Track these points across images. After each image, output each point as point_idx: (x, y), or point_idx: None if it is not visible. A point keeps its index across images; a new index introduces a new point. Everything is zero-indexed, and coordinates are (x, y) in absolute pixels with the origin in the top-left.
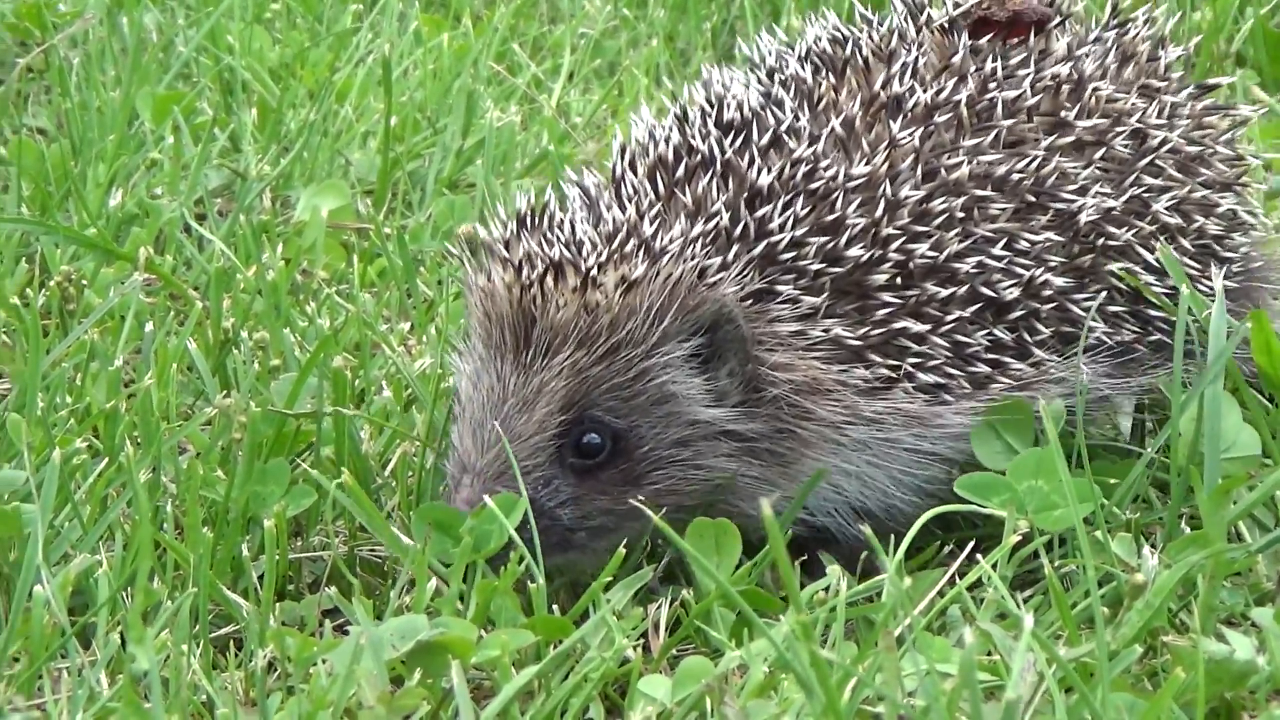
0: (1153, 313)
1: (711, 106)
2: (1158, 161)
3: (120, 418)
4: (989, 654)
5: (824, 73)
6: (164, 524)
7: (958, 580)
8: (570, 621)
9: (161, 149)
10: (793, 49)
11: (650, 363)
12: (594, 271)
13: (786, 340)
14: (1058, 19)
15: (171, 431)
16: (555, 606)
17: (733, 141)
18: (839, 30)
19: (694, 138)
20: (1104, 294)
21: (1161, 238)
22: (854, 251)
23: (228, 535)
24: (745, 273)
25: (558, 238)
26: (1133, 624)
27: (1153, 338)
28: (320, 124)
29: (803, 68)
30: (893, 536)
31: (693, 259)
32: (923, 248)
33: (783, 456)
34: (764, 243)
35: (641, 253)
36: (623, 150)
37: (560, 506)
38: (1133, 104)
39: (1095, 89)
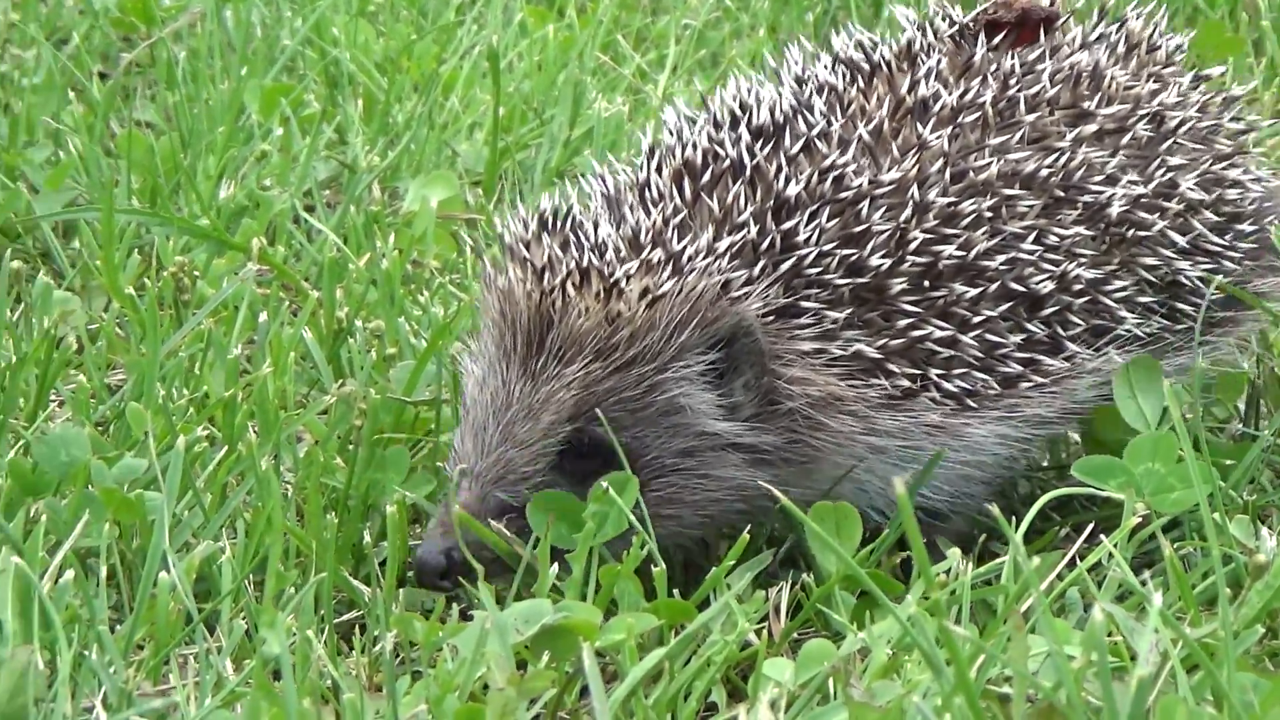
0: (1180, 305)
1: (743, 111)
2: (1178, 140)
3: (238, 406)
4: (1110, 635)
5: (852, 79)
6: (285, 512)
7: (1078, 562)
8: (693, 606)
9: (270, 141)
10: (818, 58)
11: (664, 377)
12: (620, 281)
13: (805, 356)
14: (1063, 16)
15: (289, 420)
16: (676, 591)
17: (762, 147)
18: (865, 37)
19: (723, 143)
20: (1134, 285)
21: (1188, 216)
22: (877, 260)
23: (348, 522)
24: (770, 288)
25: (581, 241)
26: (1254, 604)
27: (1180, 326)
28: (426, 116)
29: (832, 74)
30: (1012, 517)
31: (719, 272)
32: (950, 249)
33: (798, 464)
34: (790, 257)
35: (668, 264)
36: (651, 151)
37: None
38: (1148, 89)
39: (1112, 76)
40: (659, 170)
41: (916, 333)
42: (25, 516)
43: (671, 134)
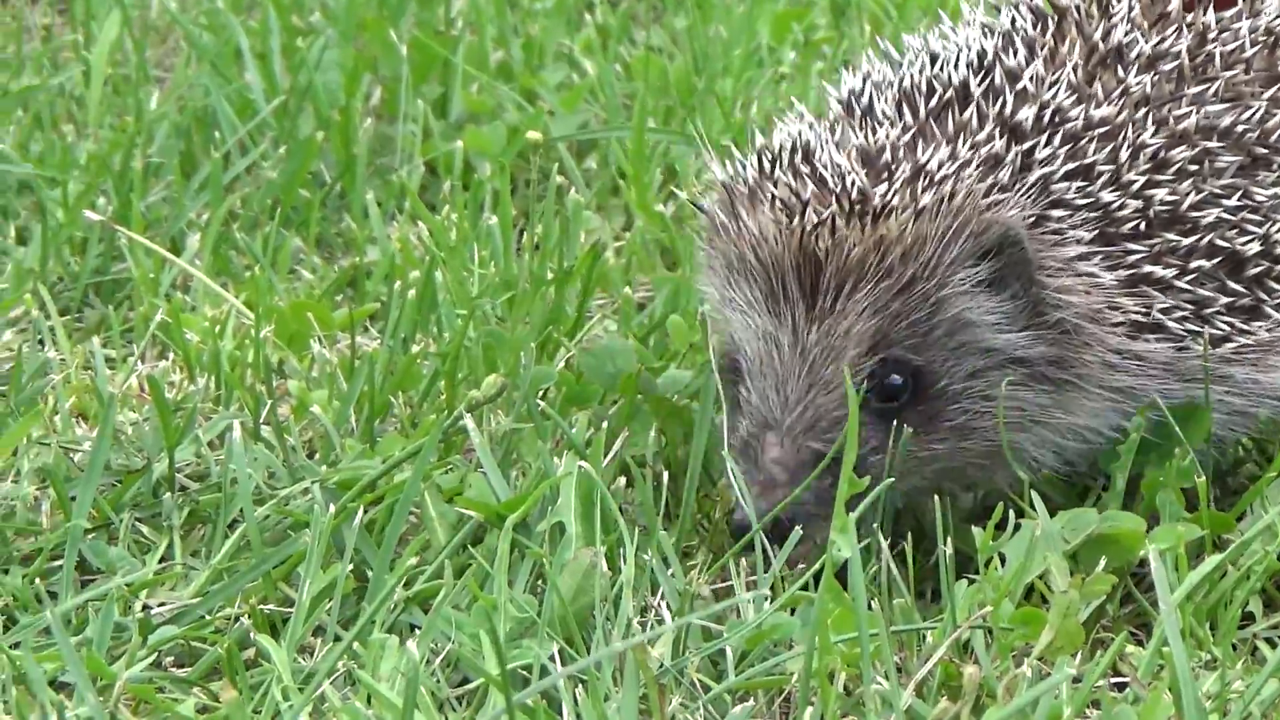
0: None
1: (943, 51)
2: None
3: None
4: None
5: (1041, 25)
6: None
7: None
8: (1233, 518)
9: (787, 64)
10: (999, 9)
11: (946, 292)
12: (882, 202)
13: (1067, 265)
14: None
15: None
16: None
17: (980, 82)
18: None
19: (937, 77)
20: None
21: None
22: (1106, 195)
23: None
24: (1024, 198)
25: (818, 171)
26: None
27: None
28: None
29: (1022, 19)
30: None
31: (968, 182)
32: (1162, 193)
33: (1061, 386)
34: (1034, 173)
35: (917, 177)
36: (858, 88)
37: (870, 455)
38: None
39: None
40: (875, 99)
41: (1142, 270)
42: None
43: (874, 73)
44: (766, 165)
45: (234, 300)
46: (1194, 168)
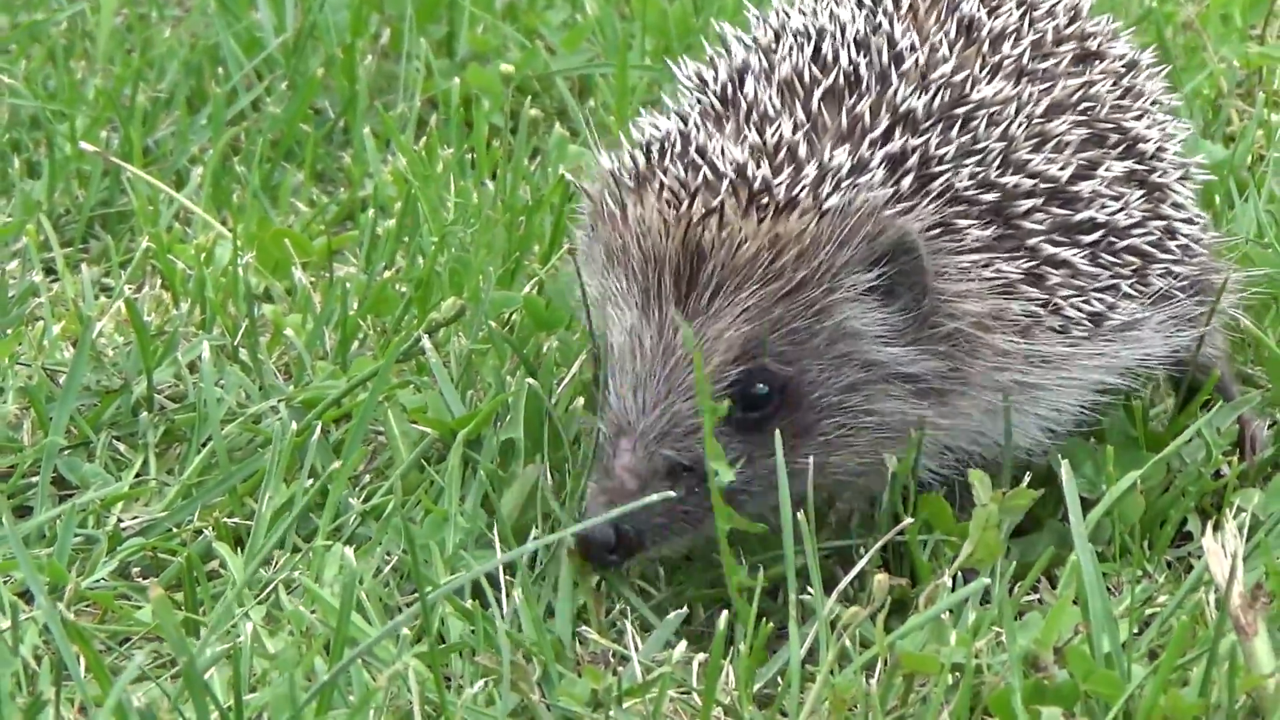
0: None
1: (817, 32)
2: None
3: None
4: None
5: (893, 7)
6: None
7: None
8: (1169, 437)
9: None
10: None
11: (832, 299)
12: (788, 198)
13: (966, 271)
14: None
15: None
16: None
17: (869, 62)
18: None
19: (819, 56)
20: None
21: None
22: (998, 177)
23: None
24: (924, 203)
25: (714, 162)
26: None
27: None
28: None
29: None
30: None
31: (879, 185)
32: (1052, 169)
33: (945, 396)
34: (929, 172)
35: (824, 178)
36: (737, 69)
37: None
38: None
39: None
40: (757, 84)
41: (1041, 254)
42: (537, 350)
43: (747, 49)
44: (655, 155)
45: (219, 227)
46: (1071, 138)
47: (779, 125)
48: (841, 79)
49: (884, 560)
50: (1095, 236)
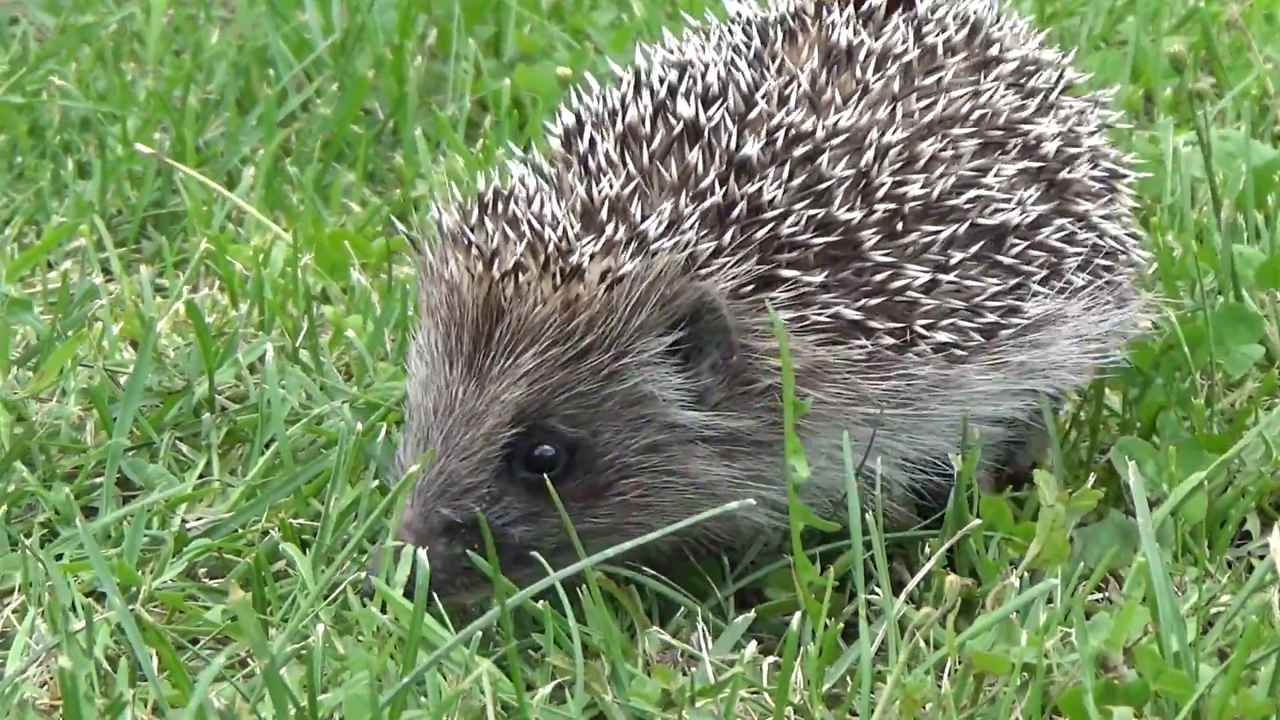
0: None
1: (679, 72)
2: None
3: None
4: None
5: (764, 38)
6: None
7: None
8: (1227, 440)
9: None
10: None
11: (623, 363)
12: (579, 262)
13: (787, 323)
14: None
15: None
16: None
17: (708, 109)
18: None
19: (663, 105)
20: (1067, 231)
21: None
22: (844, 214)
23: None
24: (743, 257)
25: (530, 220)
26: None
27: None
28: None
29: (743, 34)
30: None
31: (686, 246)
32: (914, 189)
33: (774, 446)
34: (759, 221)
35: (632, 241)
36: (577, 118)
37: (511, 525)
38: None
39: (989, 33)
40: (599, 137)
41: (895, 284)
42: None
43: (597, 100)
44: (475, 210)
45: (276, 229)
46: (945, 154)
47: (606, 180)
48: (681, 128)
49: (949, 560)
50: (979, 247)
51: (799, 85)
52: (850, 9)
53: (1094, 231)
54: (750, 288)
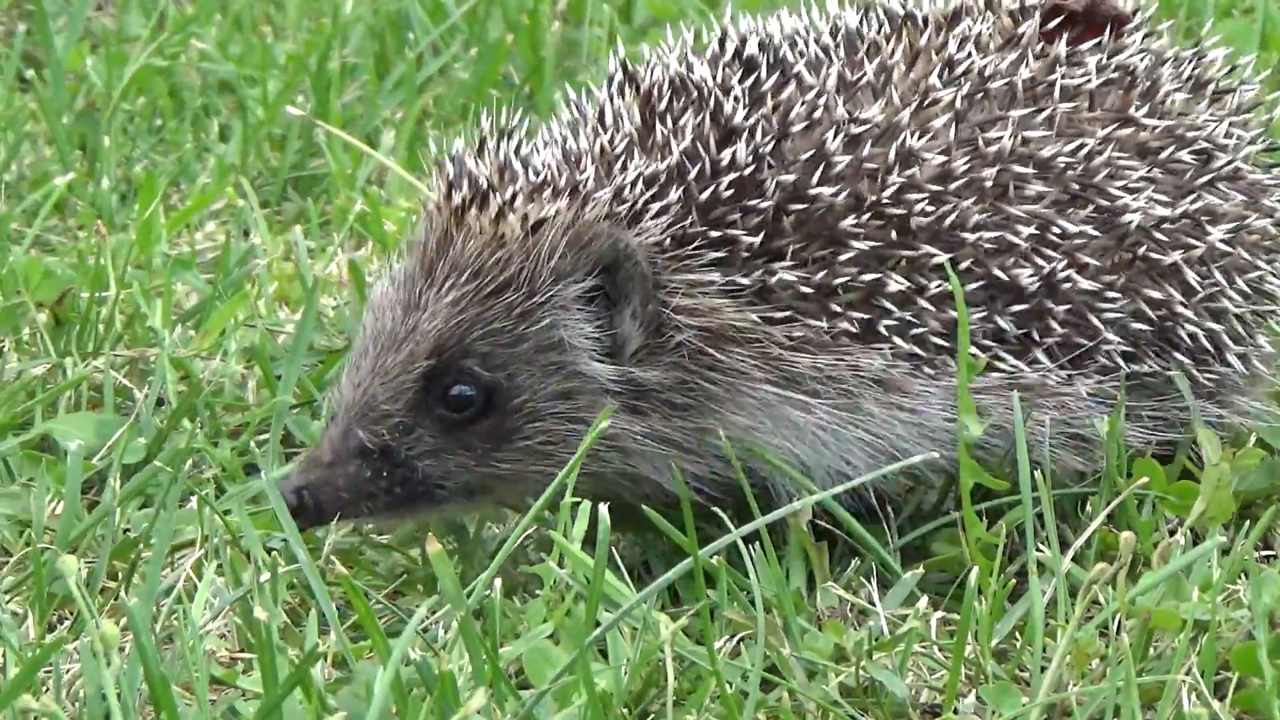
0: (1181, 345)
1: (742, 43)
2: (1220, 184)
3: None
4: None
5: (880, 28)
6: None
7: None
8: None
9: None
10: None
11: (535, 302)
12: (509, 203)
13: (701, 285)
14: (1134, 20)
15: None
16: None
17: (742, 79)
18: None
19: (691, 70)
20: (1130, 311)
21: (1211, 265)
22: (826, 191)
23: None
24: (679, 215)
25: (508, 163)
26: None
27: (1172, 372)
28: None
29: (864, 21)
30: None
31: (623, 199)
32: (925, 205)
33: (686, 411)
34: (715, 182)
35: (568, 189)
36: (623, 72)
37: (419, 458)
38: (1204, 118)
39: (1169, 92)
40: (621, 93)
41: (870, 276)
42: None
43: (649, 60)
44: (476, 145)
45: (427, 191)
46: (994, 188)
47: (607, 134)
48: (695, 94)
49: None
50: (976, 285)
51: (866, 75)
52: (992, 26)
53: (1169, 320)
54: (676, 243)
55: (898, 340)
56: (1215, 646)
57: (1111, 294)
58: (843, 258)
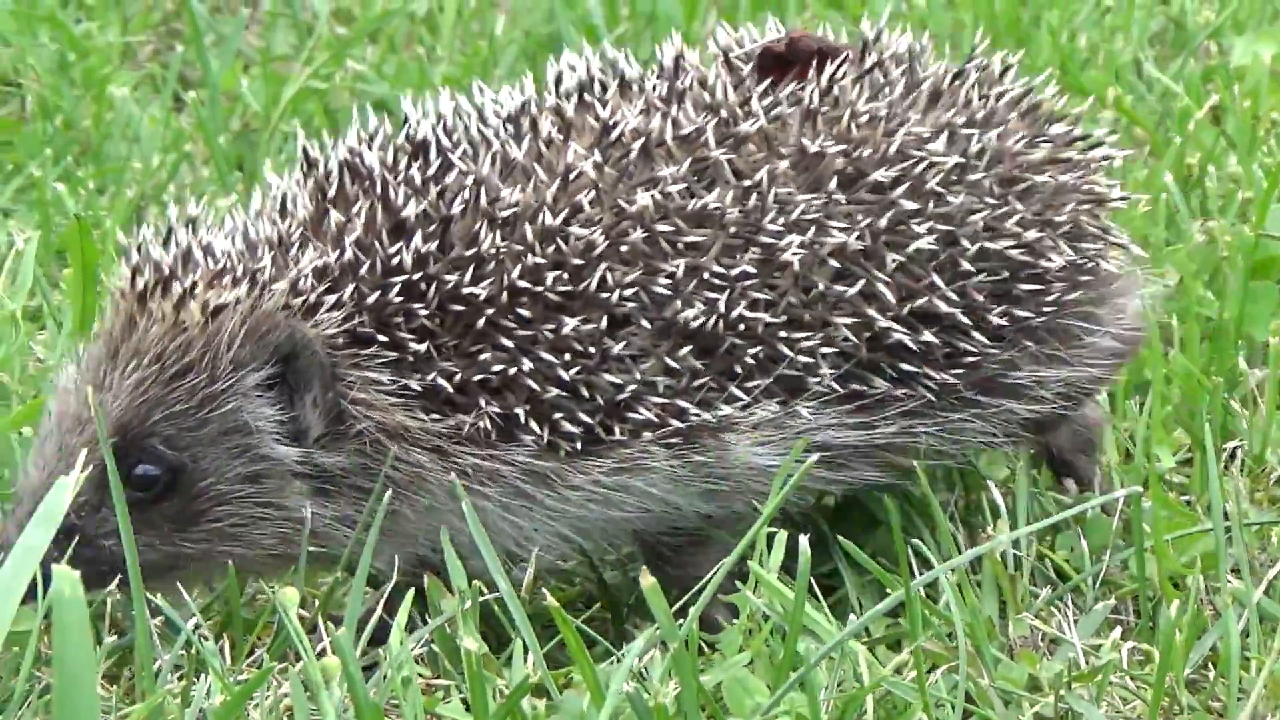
0: (905, 366)
1: (418, 123)
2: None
3: None
4: None
5: (581, 100)
6: None
7: None
8: None
9: None
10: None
11: (217, 388)
12: (189, 290)
13: (374, 383)
14: (844, 54)
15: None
16: None
17: (409, 164)
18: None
19: (361, 155)
20: (825, 339)
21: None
22: (480, 289)
23: (1224, 350)
24: (353, 312)
25: (190, 250)
26: None
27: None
28: None
29: (536, 98)
30: None
31: (300, 292)
32: (564, 275)
33: (370, 495)
34: (384, 283)
35: (246, 279)
36: (304, 157)
37: (105, 538)
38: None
39: (861, 111)
40: (301, 180)
41: (499, 367)
42: None
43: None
44: (163, 232)
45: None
46: (646, 249)
47: (285, 222)
48: (366, 180)
49: None
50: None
51: (518, 156)
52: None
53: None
54: (347, 341)
55: (537, 426)
56: None
57: (804, 322)
58: (485, 356)
